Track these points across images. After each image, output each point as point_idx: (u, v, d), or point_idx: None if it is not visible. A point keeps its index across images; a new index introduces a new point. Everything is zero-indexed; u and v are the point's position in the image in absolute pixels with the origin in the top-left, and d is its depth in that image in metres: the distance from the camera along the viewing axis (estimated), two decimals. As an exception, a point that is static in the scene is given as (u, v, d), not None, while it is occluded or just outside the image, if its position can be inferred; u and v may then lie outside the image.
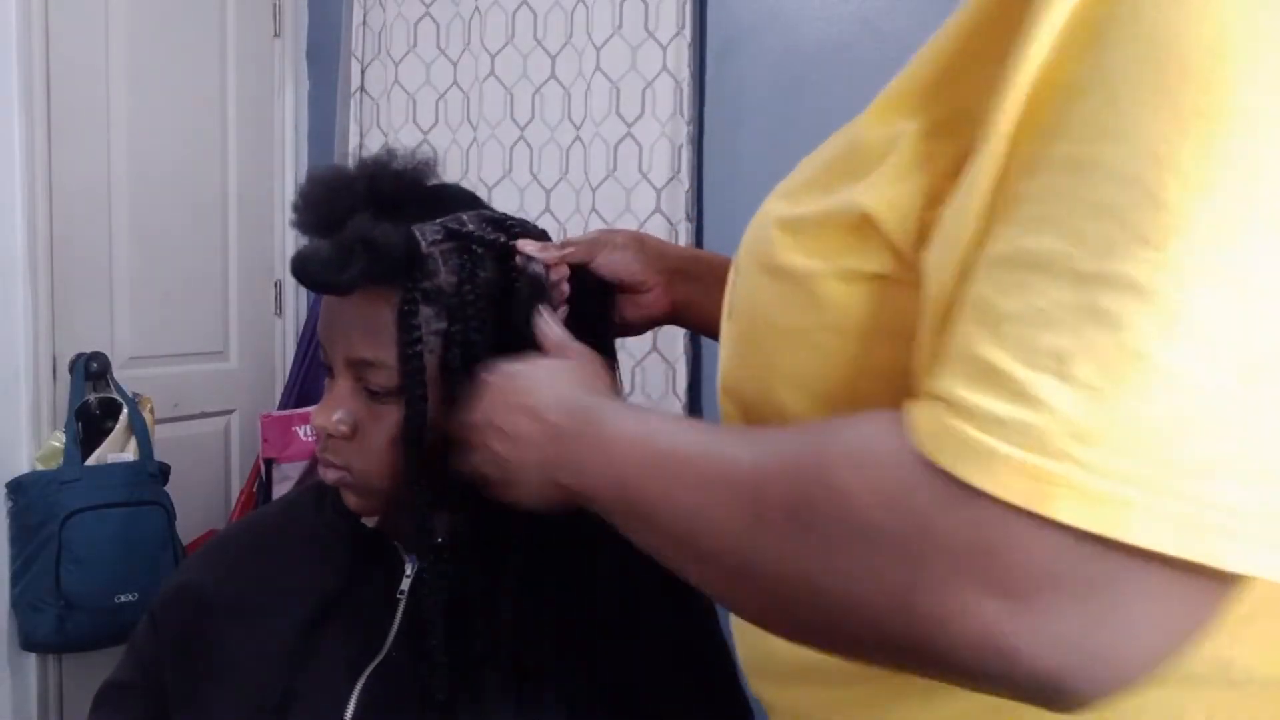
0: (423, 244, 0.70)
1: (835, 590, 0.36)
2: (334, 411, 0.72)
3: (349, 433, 0.72)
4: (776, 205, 0.48)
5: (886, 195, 0.40)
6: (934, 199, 0.39)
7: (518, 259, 0.72)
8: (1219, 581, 0.32)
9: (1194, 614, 0.33)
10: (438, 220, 0.72)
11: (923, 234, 0.39)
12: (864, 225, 0.41)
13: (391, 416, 0.72)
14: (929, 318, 0.39)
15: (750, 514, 0.38)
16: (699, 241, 1.99)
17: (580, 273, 0.77)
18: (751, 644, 0.54)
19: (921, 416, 0.35)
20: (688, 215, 1.96)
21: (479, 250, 0.72)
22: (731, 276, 0.54)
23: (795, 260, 0.44)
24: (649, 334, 1.76)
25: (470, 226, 0.72)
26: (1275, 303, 0.30)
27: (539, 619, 0.72)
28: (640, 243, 0.78)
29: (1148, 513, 0.30)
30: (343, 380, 0.73)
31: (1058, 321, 0.31)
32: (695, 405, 1.98)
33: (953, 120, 0.39)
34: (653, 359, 1.97)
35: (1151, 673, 0.33)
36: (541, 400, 0.58)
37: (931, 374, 0.36)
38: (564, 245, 0.76)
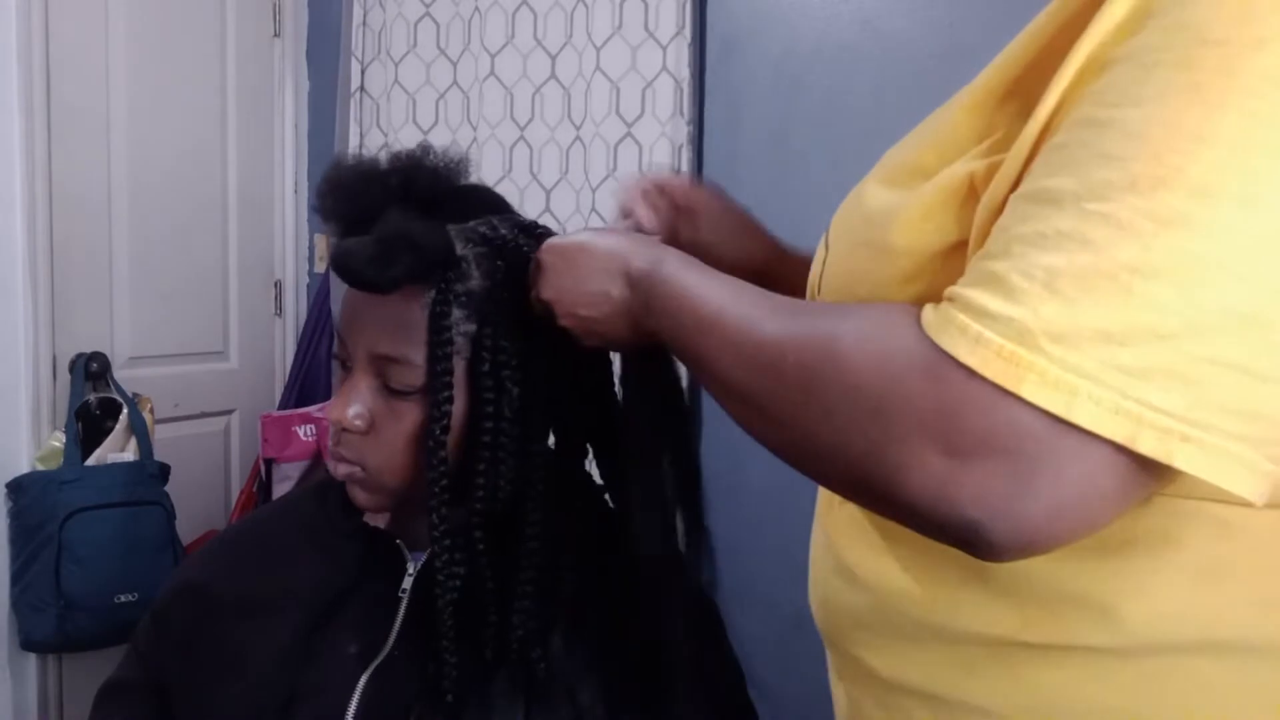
0: (458, 246, 0.70)
1: (828, 437, 0.44)
2: (350, 405, 0.72)
3: (365, 428, 0.72)
4: (876, 191, 0.55)
5: (987, 163, 0.47)
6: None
7: None
8: (1136, 472, 0.39)
9: (1106, 494, 0.39)
10: (471, 222, 0.72)
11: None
12: (969, 192, 0.47)
13: (411, 415, 0.71)
14: (970, 252, 0.46)
15: (772, 374, 0.47)
16: (699, 241, 1.99)
17: None
18: (861, 604, 0.57)
19: (930, 309, 0.43)
20: (688, 215, 1.96)
21: (510, 256, 0.72)
22: (820, 255, 0.60)
23: (902, 240, 0.50)
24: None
25: (503, 232, 0.72)
26: (1226, 251, 0.36)
27: (549, 622, 0.72)
28: (706, 201, 0.78)
29: (1088, 399, 0.37)
30: (362, 375, 0.72)
31: (1055, 245, 0.39)
32: (695, 405, 1.97)
33: (1033, 105, 0.45)
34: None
35: (1059, 539, 0.40)
36: (609, 253, 0.64)
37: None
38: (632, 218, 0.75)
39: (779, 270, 0.76)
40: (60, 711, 1.95)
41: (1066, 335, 0.37)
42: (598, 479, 0.81)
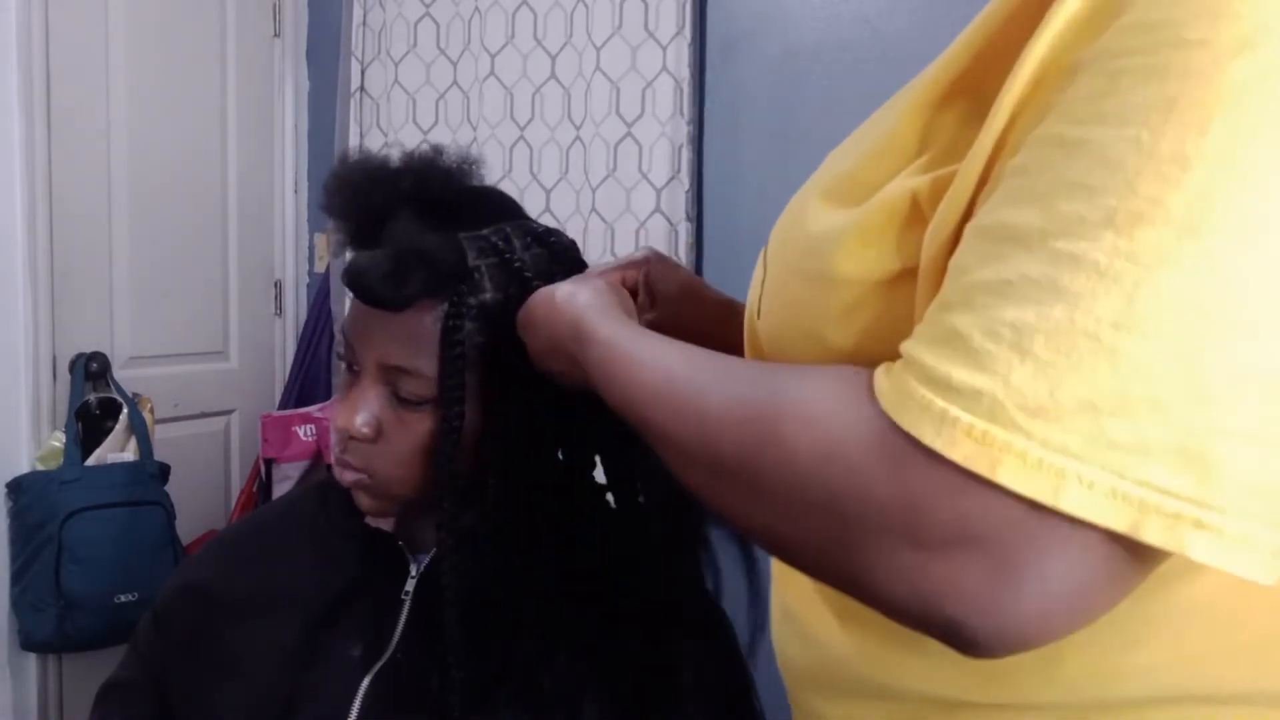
0: (470, 257, 0.70)
1: (781, 529, 0.39)
2: (358, 413, 0.71)
3: (373, 436, 0.71)
4: (818, 209, 0.49)
5: (931, 178, 0.41)
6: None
7: None
8: (1135, 557, 0.33)
9: (1102, 584, 0.34)
10: (483, 232, 0.72)
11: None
12: (913, 212, 0.42)
13: (420, 424, 0.71)
14: (920, 286, 0.40)
15: (713, 462, 0.42)
16: (699, 242, 1.99)
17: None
18: (809, 656, 0.54)
19: (885, 377, 0.37)
20: (688, 215, 1.96)
21: (521, 271, 0.71)
22: (759, 274, 0.55)
23: (843, 268, 0.44)
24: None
25: (515, 243, 0.72)
26: (1227, 297, 0.31)
27: (555, 635, 0.72)
28: (665, 261, 0.78)
29: (1078, 482, 0.31)
30: (371, 383, 0.72)
31: (1022, 295, 0.33)
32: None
33: (984, 108, 0.40)
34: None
35: (1052, 635, 0.35)
36: (558, 311, 0.62)
37: (910, 338, 0.37)
38: (625, 268, 0.74)
39: (729, 330, 0.70)
40: (60, 711, 1.95)
41: (1045, 408, 0.32)
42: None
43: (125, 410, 1.93)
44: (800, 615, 0.55)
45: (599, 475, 0.81)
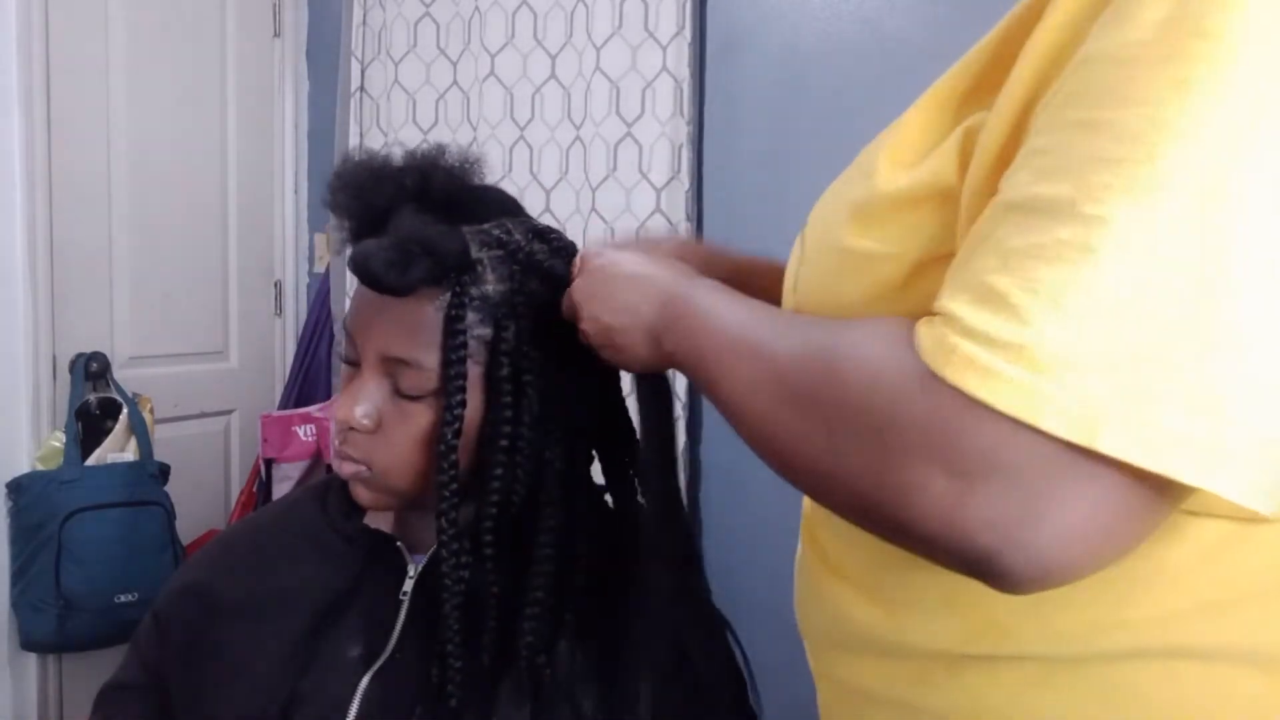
0: (473, 249, 0.70)
1: (830, 460, 0.43)
2: (358, 405, 0.72)
3: (373, 428, 0.72)
4: (846, 189, 0.53)
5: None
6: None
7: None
8: (1160, 496, 0.37)
9: (1127, 521, 0.37)
10: (485, 225, 0.73)
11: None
12: (947, 197, 0.46)
13: (420, 416, 0.71)
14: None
15: (777, 396, 0.47)
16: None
17: None
18: (825, 620, 0.58)
19: (927, 333, 0.40)
20: (688, 215, 1.96)
21: (525, 260, 0.72)
22: (797, 253, 0.59)
23: (863, 244, 0.49)
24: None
25: (518, 236, 0.73)
26: (1239, 256, 0.35)
27: (556, 628, 0.72)
28: (690, 252, 0.79)
29: (1113, 426, 0.35)
30: (371, 375, 0.72)
31: (1057, 257, 0.36)
32: (695, 405, 1.97)
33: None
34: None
35: (1079, 568, 0.38)
36: (648, 274, 0.65)
37: (941, 296, 0.41)
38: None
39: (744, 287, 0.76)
40: (60, 711, 1.96)
41: (1078, 357, 0.35)
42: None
43: (125, 410, 1.93)
44: (820, 586, 0.58)
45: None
